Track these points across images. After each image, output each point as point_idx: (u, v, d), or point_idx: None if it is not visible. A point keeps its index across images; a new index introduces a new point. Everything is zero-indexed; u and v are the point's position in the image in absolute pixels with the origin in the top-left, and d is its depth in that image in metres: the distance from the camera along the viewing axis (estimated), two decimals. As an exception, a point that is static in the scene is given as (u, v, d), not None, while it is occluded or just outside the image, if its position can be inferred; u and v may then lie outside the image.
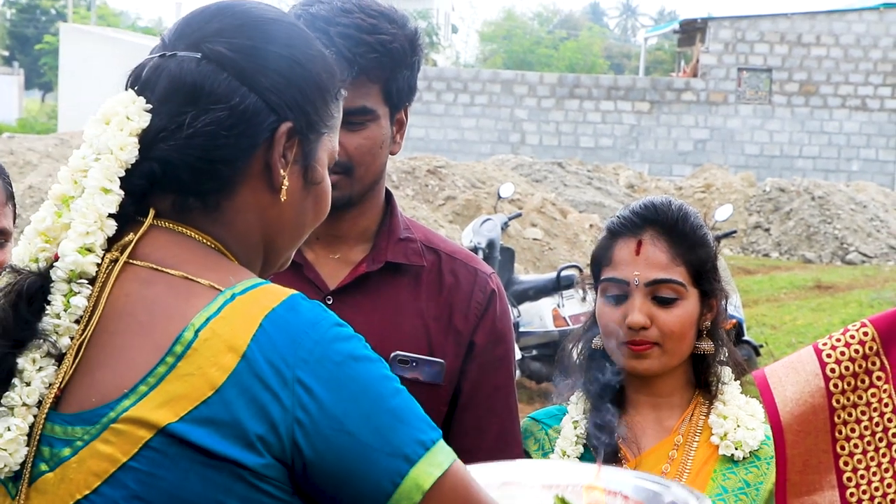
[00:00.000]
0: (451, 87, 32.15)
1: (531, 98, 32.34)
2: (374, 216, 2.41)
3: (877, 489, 1.78)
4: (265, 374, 1.49)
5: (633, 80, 34.10)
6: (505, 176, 20.50)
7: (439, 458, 1.54)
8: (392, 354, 2.34)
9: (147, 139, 1.61)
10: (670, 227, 2.41)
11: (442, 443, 1.56)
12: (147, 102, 1.62)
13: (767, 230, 23.46)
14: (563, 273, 10.13)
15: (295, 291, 1.57)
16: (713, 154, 31.98)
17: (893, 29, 32.60)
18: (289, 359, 1.50)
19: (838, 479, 1.80)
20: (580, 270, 10.21)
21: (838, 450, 1.80)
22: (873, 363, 1.80)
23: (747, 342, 9.78)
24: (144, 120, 1.61)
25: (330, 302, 2.35)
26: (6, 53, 55.57)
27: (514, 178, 20.12)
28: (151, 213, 1.62)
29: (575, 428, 2.46)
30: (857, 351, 1.80)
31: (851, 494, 1.79)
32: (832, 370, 1.80)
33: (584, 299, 9.80)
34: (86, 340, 1.54)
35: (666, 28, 46.28)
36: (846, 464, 1.80)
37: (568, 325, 9.74)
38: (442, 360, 2.36)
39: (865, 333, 1.81)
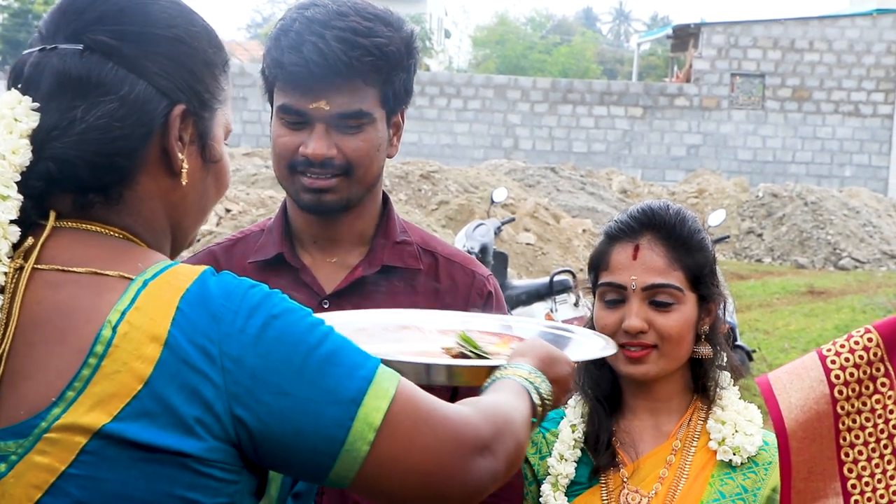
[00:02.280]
0: (444, 92, 32.15)
1: (524, 103, 32.34)
2: (370, 219, 2.40)
3: (882, 496, 1.76)
4: (191, 356, 1.48)
5: (626, 85, 34.12)
6: (498, 181, 20.49)
7: (384, 387, 1.53)
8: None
9: (39, 139, 1.56)
10: (668, 231, 2.40)
11: (382, 368, 1.55)
12: (34, 101, 1.58)
13: (760, 235, 23.47)
14: (556, 278, 10.10)
15: (205, 267, 1.55)
16: (706, 159, 32.00)
17: (886, 35, 32.66)
18: (212, 336, 1.49)
19: (842, 486, 1.78)
20: (573, 275, 10.20)
21: (842, 456, 1.79)
22: (878, 369, 1.78)
23: (740, 347, 9.77)
24: (34, 120, 1.57)
25: (327, 306, 2.34)
26: (-1, 57, 55.53)
27: (507, 183, 20.11)
28: (52, 216, 1.58)
29: (573, 432, 2.45)
30: (861, 357, 1.79)
31: (856, 502, 1.77)
32: (837, 376, 1.79)
33: (576, 304, 9.83)
34: (5, 353, 1.50)
35: (659, 33, 46.31)
36: (850, 470, 1.78)
37: (561, 329, 9.72)
38: None
39: (870, 339, 1.79)
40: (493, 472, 1.57)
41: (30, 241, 1.56)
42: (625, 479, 2.39)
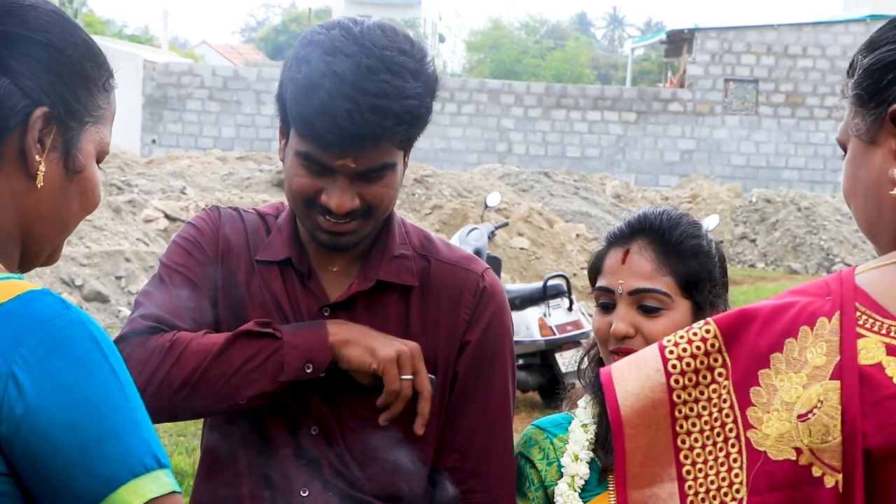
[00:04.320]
0: (438, 96, 32.17)
1: (518, 107, 32.39)
2: (372, 233, 2.39)
3: (712, 482, 1.80)
4: None
5: (620, 90, 34.19)
6: (492, 185, 20.54)
7: (146, 488, 1.45)
8: None
9: None
10: (658, 236, 2.40)
11: (161, 473, 1.48)
12: None
13: (753, 241, 23.52)
14: (550, 282, 10.13)
15: (40, 287, 1.51)
16: (700, 165, 32.07)
17: (879, 41, 32.73)
18: (7, 354, 1.44)
19: (678, 472, 1.82)
20: (567, 280, 10.22)
21: (679, 444, 1.82)
22: (715, 360, 1.82)
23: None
24: None
25: (327, 314, 2.36)
26: (-8, 60, 55.38)
27: (500, 188, 20.15)
28: None
29: (586, 432, 2.44)
30: (699, 348, 1.82)
31: (689, 487, 1.81)
32: (674, 366, 1.82)
33: (570, 309, 9.80)
34: None
35: (653, 39, 46.39)
36: (686, 457, 1.82)
37: (554, 334, 9.74)
38: (433, 376, 2.35)
39: (708, 331, 1.83)
40: None
41: None
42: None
